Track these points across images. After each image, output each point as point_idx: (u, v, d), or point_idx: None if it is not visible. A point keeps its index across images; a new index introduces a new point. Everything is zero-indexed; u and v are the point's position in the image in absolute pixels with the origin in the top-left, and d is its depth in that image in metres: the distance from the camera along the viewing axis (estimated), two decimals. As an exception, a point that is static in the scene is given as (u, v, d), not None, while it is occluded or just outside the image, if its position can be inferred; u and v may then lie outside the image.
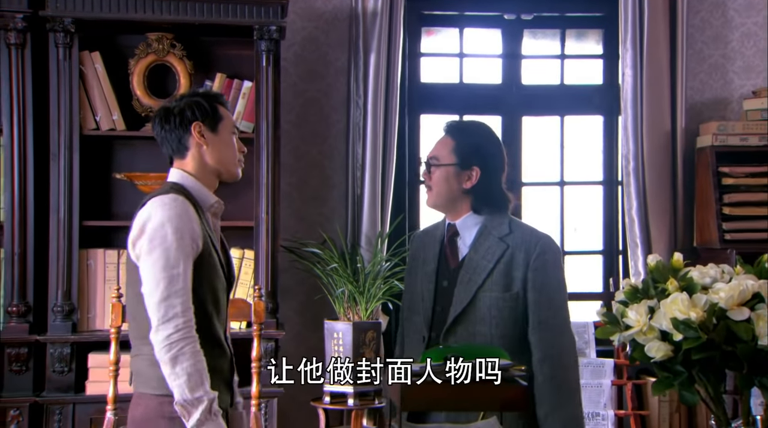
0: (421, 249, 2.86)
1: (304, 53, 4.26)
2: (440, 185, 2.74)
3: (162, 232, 2.37)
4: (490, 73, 4.65)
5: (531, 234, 2.76)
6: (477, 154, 2.75)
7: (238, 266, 3.83)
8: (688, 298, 1.68)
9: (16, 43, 3.61)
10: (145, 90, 3.84)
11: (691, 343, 1.64)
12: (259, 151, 3.75)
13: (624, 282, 1.80)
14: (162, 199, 2.43)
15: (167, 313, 2.34)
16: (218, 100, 2.62)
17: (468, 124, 2.88)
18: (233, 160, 2.62)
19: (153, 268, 2.36)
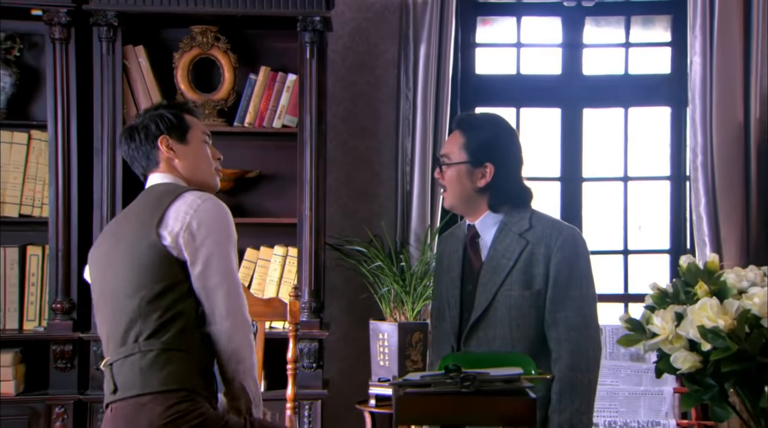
0: (445, 253, 2.76)
1: (352, 45, 4.19)
2: (453, 185, 2.65)
3: (223, 224, 2.40)
4: (549, 63, 4.50)
5: (553, 227, 2.64)
6: (489, 150, 2.65)
7: (281, 264, 3.78)
8: (719, 304, 1.54)
9: (60, 38, 3.63)
10: (189, 84, 3.82)
11: (719, 354, 1.50)
12: (303, 145, 3.69)
13: (651, 284, 1.67)
14: (202, 195, 2.42)
15: (243, 304, 2.40)
16: (183, 109, 2.56)
17: (478, 116, 2.76)
18: (208, 169, 2.55)
19: (225, 259, 2.38)
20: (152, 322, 2.35)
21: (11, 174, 3.74)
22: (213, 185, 2.55)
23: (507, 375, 1.61)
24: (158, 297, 2.35)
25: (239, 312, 2.40)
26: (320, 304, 3.73)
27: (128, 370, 2.36)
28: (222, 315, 2.37)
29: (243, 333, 2.38)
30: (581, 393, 2.53)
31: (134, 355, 2.36)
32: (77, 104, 3.66)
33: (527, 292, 2.57)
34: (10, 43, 3.83)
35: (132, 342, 2.37)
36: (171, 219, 2.37)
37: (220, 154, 2.59)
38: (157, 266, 2.36)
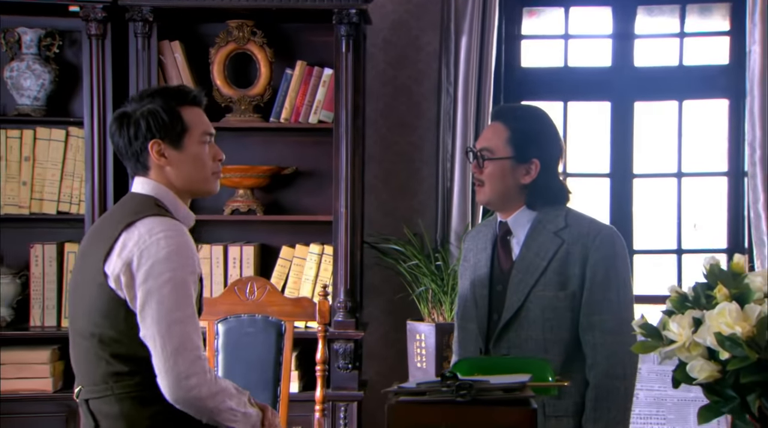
0: (472, 251, 2.67)
1: (393, 38, 4.11)
2: (494, 181, 2.54)
3: (171, 265, 2.10)
4: (599, 54, 4.36)
5: (590, 226, 2.53)
6: (536, 144, 2.54)
7: (317, 262, 3.73)
8: (739, 309, 1.43)
9: (96, 33, 3.63)
10: (225, 79, 3.80)
11: (737, 363, 1.39)
12: (338, 141, 3.63)
13: (670, 287, 1.56)
14: (158, 226, 2.14)
15: (184, 360, 2.10)
16: (184, 101, 2.26)
17: (523, 108, 2.66)
18: (205, 175, 2.29)
19: (163, 306, 2.09)
20: (116, 365, 2.15)
21: (49, 171, 3.77)
22: (209, 191, 2.33)
23: (507, 383, 1.52)
24: (116, 341, 2.15)
25: (175, 370, 2.08)
26: (356, 304, 3.67)
27: (108, 409, 2.17)
28: (158, 371, 2.10)
29: (184, 394, 2.09)
30: (617, 402, 2.42)
31: (109, 397, 2.17)
32: (113, 100, 3.66)
33: (562, 293, 2.47)
34: (50, 40, 3.86)
35: (103, 382, 2.17)
36: (115, 256, 2.13)
37: (222, 154, 2.35)
38: (107, 311, 2.14)
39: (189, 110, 2.28)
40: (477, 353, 2.54)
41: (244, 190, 3.78)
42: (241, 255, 3.73)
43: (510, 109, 2.63)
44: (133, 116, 2.24)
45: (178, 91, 2.30)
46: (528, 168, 2.54)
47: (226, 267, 3.72)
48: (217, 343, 3.03)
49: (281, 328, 3.04)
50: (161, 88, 2.32)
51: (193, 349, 2.11)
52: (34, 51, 3.81)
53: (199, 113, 2.32)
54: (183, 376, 2.08)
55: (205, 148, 2.30)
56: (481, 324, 2.55)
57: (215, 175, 2.34)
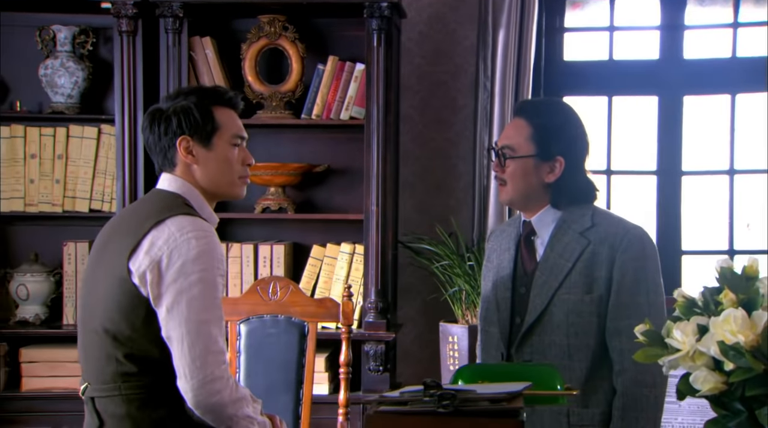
0: (495, 252, 2.58)
1: (430, 32, 4.04)
2: (517, 180, 2.45)
3: (202, 266, 2.08)
4: (646, 47, 4.22)
5: (618, 226, 2.43)
6: (560, 141, 2.45)
7: (348, 262, 3.68)
8: (745, 316, 1.33)
9: (127, 30, 3.64)
10: (257, 75, 3.77)
11: (741, 375, 1.30)
12: (370, 138, 3.58)
13: (677, 292, 1.47)
14: (189, 225, 2.12)
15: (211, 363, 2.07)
16: (218, 101, 2.25)
17: (545, 102, 2.56)
18: (231, 178, 2.27)
19: (192, 307, 2.07)
20: (126, 365, 2.12)
21: (82, 168, 3.78)
22: (235, 195, 2.31)
23: (495, 393, 1.44)
24: (130, 340, 2.12)
25: (201, 373, 2.05)
26: (387, 304, 3.61)
27: (114, 409, 2.14)
28: (181, 373, 2.07)
29: (206, 398, 2.06)
30: (646, 411, 2.33)
31: (117, 397, 2.14)
32: (144, 97, 3.66)
33: (588, 297, 2.37)
34: (84, 38, 3.88)
35: (111, 381, 2.14)
36: (142, 253, 2.09)
37: (252, 159, 2.33)
38: (126, 308, 2.11)
39: (222, 111, 2.27)
40: (499, 358, 2.46)
41: (276, 188, 3.75)
42: (272, 255, 3.69)
43: (532, 103, 2.53)
44: (166, 113, 2.24)
45: (213, 91, 2.31)
46: (552, 166, 2.45)
47: (257, 266, 3.70)
48: (239, 344, 3.00)
49: (304, 329, 3.00)
50: (198, 87, 2.40)
51: (219, 352, 2.10)
52: (68, 49, 3.83)
53: (232, 115, 2.31)
54: (209, 379, 2.06)
55: (235, 151, 2.29)
56: (503, 328, 2.47)
57: (242, 180, 2.32)
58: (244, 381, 2.98)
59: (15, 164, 3.79)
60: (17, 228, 3.92)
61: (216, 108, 2.24)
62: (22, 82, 3.93)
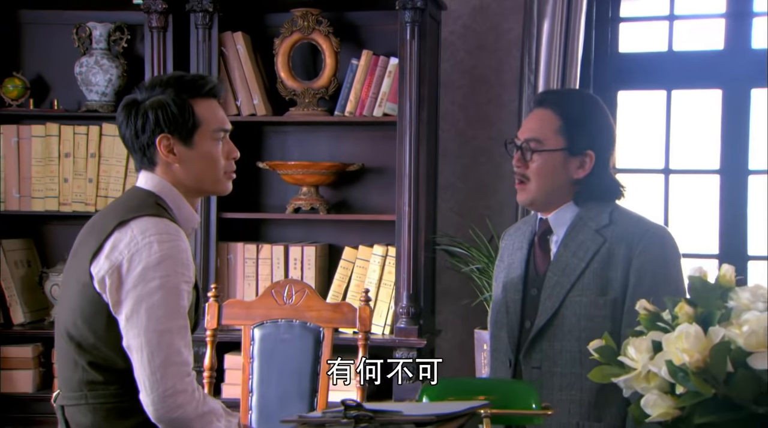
0: (507, 250, 2.46)
1: (473, 25, 3.93)
2: (542, 177, 2.33)
3: (164, 271, 2.00)
4: (709, 36, 4.01)
5: (637, 225, 2.29)
6: (590, 133, 2.33)
7: (381, 264, 3.60)
8: (699, 333, 1.20)
9: (158, 26, 3.64)
10: (290, 71, 3.73)
11: (689, 399, 1.16)
12: (402, 135, 3.49)
13: (639, 304, 1.34)
14: (153, 227, 2.04)
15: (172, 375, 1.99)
16: (198, 93, 2.14)
17: (572, 92, 2.44)
18: (215, 175, 2.18)
19: (152, 316, 1.99)
20: (91, 374, 2.07)
21: (114, 167, 3.81)
22: (221, 191, 2.25)
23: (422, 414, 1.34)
24: (94, 348, 2.07)
25: (161, 386, 1.96)
26: (419, 309, 3.51)
27: (81, 418, 2.10)
28: (142, 386, 1.99)
29: (167, 413, 1.97)
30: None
31: (83, 406, 2.10)
32: (175, 95, 3.64)
33: (601, 300, 2.24)
34: (119, 35, 3.90)
35: (78, 389, 2.10)
36: (103, 256, 2.03)
37: (237, 152, 2.24)
38: (88, 315, 2.05)
39: (203, 103, 2.17)
40: (506, 366, 2.35)
41: (308, 187, 3.70)
42: (303, 256, 3.65)
43: (558, 93, 2.42)
44: (142, 106, 2.14)
45: (192, 81, 2.19)
46: (582, 160, 2.34)
47: (287, 268, 3.65)
48: (252, 350, 2.95)
49: (320, 335, 2.93)
50: (176, 76, 2.21)
51: (182, 364, 2.01)
52: (103, 46, 3.87)
53: (213, 106, 2.21)
54: (169, 393, 1.98)
55: (218, 146, 2.20)
56: (512, 332, 2.36)
57: (227, 175, 2.24)
58: (256, 389, 2.93)
59: (50, 163, 3.84)
60: (52, 228, 3.98)
61: (196, 101, 2.15)
62: (61, 81, 3.98)
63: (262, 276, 3.65)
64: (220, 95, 2.24)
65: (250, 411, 2.94)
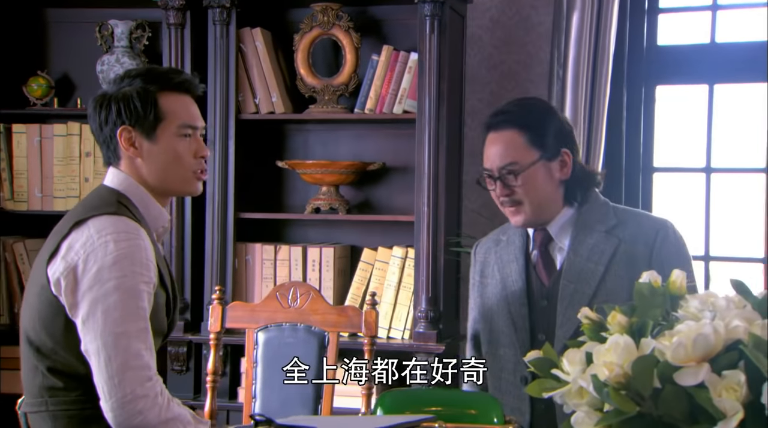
0: (493, 266, 2.39)
1: (501, 18, 3.84)
2: (533, 193, 2.29)
3: (120, 272, 1.96)
4: (754, 27, 3.86)
5: (646, 221, 2.31)
6: (556, 133, 2.31)
7: (400, 267, 3.54)
8: (631, 344, 1.12)
9: (175, 23, 3.64)
10: (309, 68, 3.69)
11: (612, 417, 1.08)
12: (421, 133, 3.43)
13: (581, 313, 1.26)
14: (111, 226, 2.00)
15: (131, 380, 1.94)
16: (166, 86, 2.10)
17: (518, 104, 2.39)
18: (181, 174, 2.13)
19: (109, 318, 1.94)
20: (50, 379, 2.05)
21: (134, 167, 3.81)
22: (188, 192, 2.19)
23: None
24: (53, 352, 2.04)
25: (120, 391, 1.92)
26: (439, 314, 3.44)
27: (42, 425, 2.07)
28: (100, 392, 1.95)
29: (127, 420, 1.92)
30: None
31: (44, 412, 2.07)
32: (193, 93, 3.64)
33: None
34: (140, 32, 3.92)
35: (39, 395, 2.08)
36: (59, 257, 2.00)
37: (206, 151, 2.17)
38: (46, 319, 2.02)
39: (171, 97, 2.13)
40: (518, 384, 2.28)
41: (327, 187, 3.66)
42: (321, 258, 3.61)
43: (507, 111, 2.35)
44: (107, 98, 2.12)
45: (162, 74, 2.16)
46: (561, 161, 2.31)
47: (305, 270, 3.62)
48: (256, 354, 2.92)
49: (324, 339, 2.89)
50: (147, 68, 2.19)
51: (142, 368, 1.97)
52: (124, 44, 3.89)
53: (182, 101, 2.17)
54: (128, 399, 1.94)
55: (184, 142, 2.15)
56: (523, 348, 2.29)
57: (195, 175, 2.18)
58: (260, 394, 2.90)
59: (71, 163, 3.88)
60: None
61: (163, 94, 2.11)
62: (85, 80, 4.02)
63: (280, 278, 3.62)
64: (194, 91, 2.20)
65: (253, 416, 2.91)
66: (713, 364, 1.05)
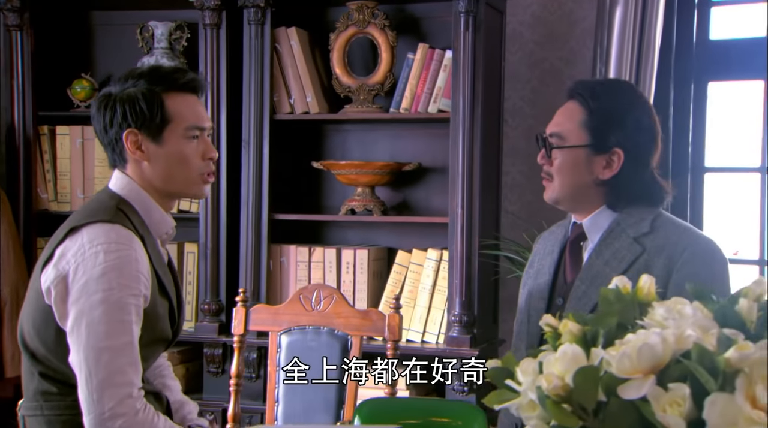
0: (538, 255, 2.31)
1: (543, 14, 3.75)
2: (565, 175, 2.17)
3: (108, 284, 1.93)
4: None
5: (681, 234, 2.09)
6: (620, 129, 2.13)
7: (435, 270, 3.48)
8: (580, 354, 1.05)
9: (211, 23, 3.65)
10: (345, 67, 3.66)
11: (554, 432, 1.01)
12: (455, 132, 3.37)
13: (543, 320, 1.19)
14: (103, 235, 1.98)
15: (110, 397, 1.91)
16: (172, 87, 2.06)
17: (604, 82, 2.23)
18: (188, 176, 2.09)
19: (93, 330, 1.92)
20: (44, 384, 2.04)
21: (171, 168, 3.83)
22: (195, 195, 2.16)
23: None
24: (46, 359, 2.03)
25: (98, 408, 1.89)
26: (473, 318, 3.38)
27: None
28: (83, 404, 1.92)
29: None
30: None
31: (39, 416, 2.05)
32: (228, 93, 3.65)
33: None
34: (179, 33, 3.94)
35: (34, 399, 2.07)
36: (52, 265, 1.98)
37: (214, 153, 2.13)
38: (39, 325, 2.01)
39: (177, 98, 2.09)
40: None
41: (362, 188, 3.62)
42: (355, 260, 3.57)
43: (588, 84, 2.22)
44: (112, 99, 2.08)
45: (167, 74, 2.12)
46: (609, 159, 2.15)
47: (339, 272, 3.59)
48: (279, 357, 2.90)
49: (347, 343, 2.85)
50: (152, 68, 2.15)
51: (123, 385, 1.92)
52: (164, 45, 3.91)
53: (189, 102, 2.12)
54: (106, 416, 1.91)
55: (191, 144, 2.10)
56: (531, 346, 2.20)
57: (203, 177, 2.14)
58: (282, 398, 2.88)
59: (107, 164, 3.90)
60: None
61: (169, 95, 2.07)
62: (128, 81, 4.04)
63: (314, 280, 3.59)
64: (200, 91, 2.15)
65: (275, 421, 2.89)
66: (662, 376, 0.98)
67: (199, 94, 2.16)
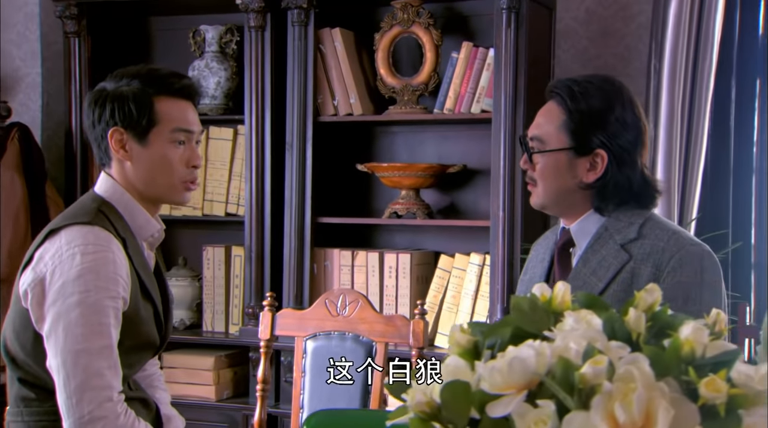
0: (531, 263, 2.22)
1: (598, 9, 3.62)
2: (548, 179, 2.08)
3: (85, 286, 1.90)
4: None
5: (669, 240, 1.97)
6: (601, 129, 2.03)
7: (477, 274, 3.40)
8: (463, 366, 0.97)
9: (256, 25, 3.65)
10: (389, 67, 3.61)
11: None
12: (497, 133, 3.28)
13: (453, 328, 1.11)
14: (81, 237, 1.95)
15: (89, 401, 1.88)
16: (164, 90, 2.04)
17: (585, 80, 2.11)
18: (170, 182, 2.06)
19: (70, 334, 1.89)
20: (23, 390, 2.01)
21: (219, 171, 3.86)
22: (176, 201, 2.13)
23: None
24: (25, 364, 2.00)
25: (76, 412, 1.87)
26: (515, 326, 3.27)
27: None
28: (62, 409, 1.89)
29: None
30: None
31: (19, 422, 2.03)
32: (272, 95, 3.65)
33: None
34: (230, 36, 3.96)
35: (15, 405, 2.04)
36: (30, 268, 1.96)
37: (198, 160, 2.09)
38: (17, 329, 1.99)
39: (168, 101, 2.06)
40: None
41: (406, 190, 3.57)
42: (397, 264, 3.52)
43: (566, 83, 2.11)
44: (104, 95, 2.07)
45: (162, 77, 2.09)
46: (592, 161, 2.06)
47: (382, 276, 3.54)
48: (304, 363, 2.87)
49: (372, 349, 2.80)
50: (148, 69, 2.13)
51: (102, 388, 1.89)
52: (214, 48, 3.94)
53: (181, 106, 2.09)
54: (85, 420, 1.88)
55: (176, 149, 2.07)
56: None
57: (185, 184, 2.11)
58: (307, 405, 2.84)
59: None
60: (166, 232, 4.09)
61: (159, 98, 2.04)
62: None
63: (357, 285, 3.56)
64: (194, 98, 2.14)
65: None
66: (538, 393, 0.90)
67: (193, 100, 2.14)
